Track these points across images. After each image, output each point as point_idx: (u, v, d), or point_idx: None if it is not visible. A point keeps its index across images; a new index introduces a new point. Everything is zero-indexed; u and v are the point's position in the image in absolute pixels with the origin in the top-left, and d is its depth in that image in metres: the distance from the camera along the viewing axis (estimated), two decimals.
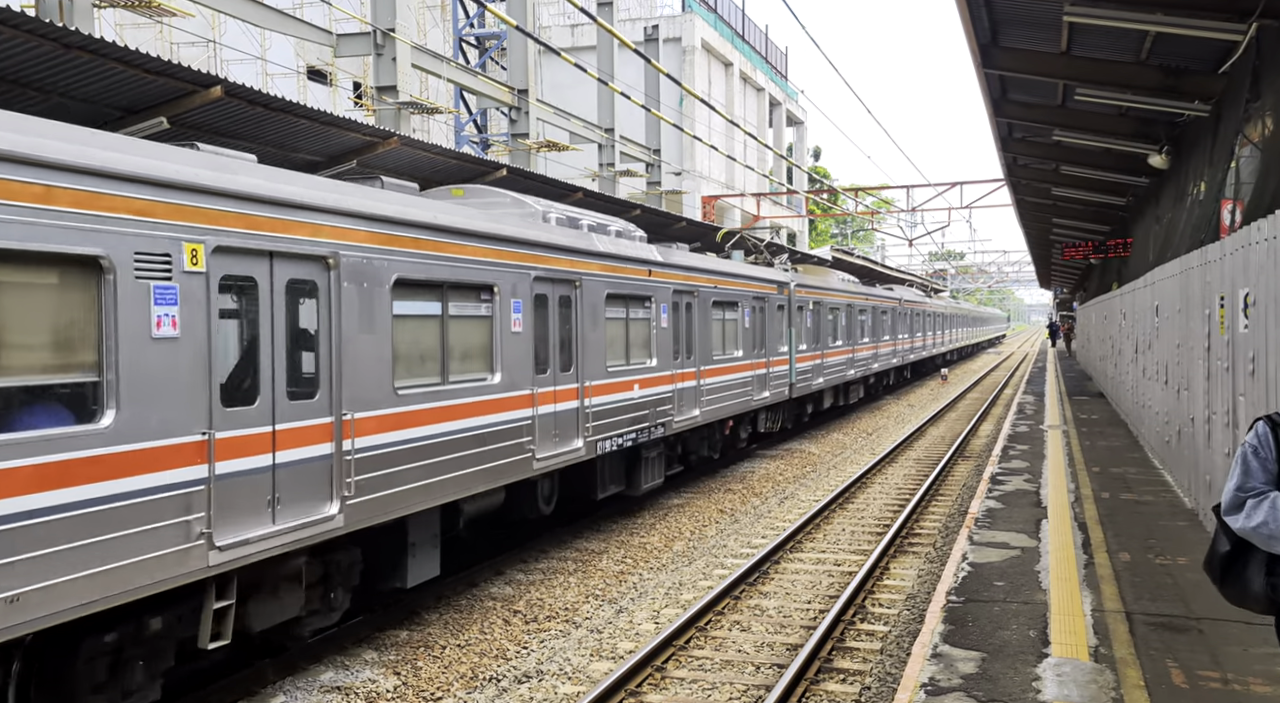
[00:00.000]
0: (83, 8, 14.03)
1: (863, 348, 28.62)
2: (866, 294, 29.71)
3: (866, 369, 29.73)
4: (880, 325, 31.70)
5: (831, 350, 24.90)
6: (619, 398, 12.75)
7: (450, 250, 9.14)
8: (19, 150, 5.36)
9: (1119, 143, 15.81)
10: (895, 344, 34.81)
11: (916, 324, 40.05)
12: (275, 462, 7.03)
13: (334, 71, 30.18)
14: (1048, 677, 5.98)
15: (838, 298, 25.83)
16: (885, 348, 32.74)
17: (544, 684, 8.08)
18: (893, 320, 34.18)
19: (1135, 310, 16.90)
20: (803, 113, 60.22)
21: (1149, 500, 11.50)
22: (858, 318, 28.36)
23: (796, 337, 21.92)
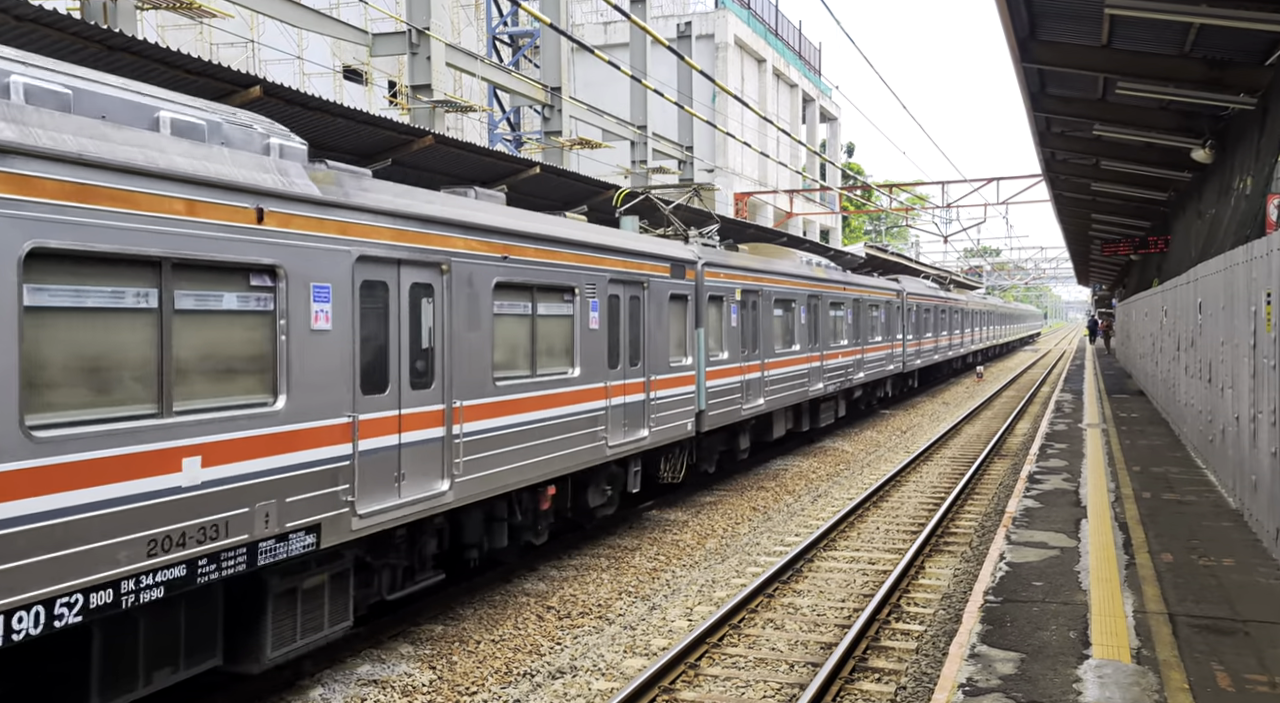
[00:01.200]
0: (126, 10, 14.25)
1: (840, 353, 21.43)
2: (844, 283, 22.04)
3: (844, 380, 22.11)
4: (866, 324, 24.28)
5: (780, 359, 18.02)
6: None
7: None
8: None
9: (1161, 137, 15.54)
10: (891, 346, 27.58)
11: (927, 322, 33.24)
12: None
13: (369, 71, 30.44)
14: (1089, 679, 5.89)
15: (784, 286, 18.39)
16: (877, 351, 25.44)
17: (578, 680, 8.10)
18: (888, 318, 27.10)
19: (1177, 307, 16.61)
20: (836, 109, 59.82)
21: (1192, 501, 11.30)
22: (827, 314, 20.87)
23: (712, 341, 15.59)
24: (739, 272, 16.10)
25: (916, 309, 31.20)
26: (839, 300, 21.57)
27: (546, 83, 27.88)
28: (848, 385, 22.46)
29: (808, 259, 20.92)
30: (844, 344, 22.08)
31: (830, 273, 21.37)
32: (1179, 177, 18.67)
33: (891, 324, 27.50)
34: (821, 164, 56.36)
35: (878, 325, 25.77)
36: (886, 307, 26.95)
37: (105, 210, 5.64)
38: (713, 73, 40.45)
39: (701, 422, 14.52)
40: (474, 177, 13.15)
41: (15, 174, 5.21)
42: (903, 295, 29.25)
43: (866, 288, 24.49)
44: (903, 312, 29.07)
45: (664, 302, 13.32)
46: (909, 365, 30.47)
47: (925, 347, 33.35)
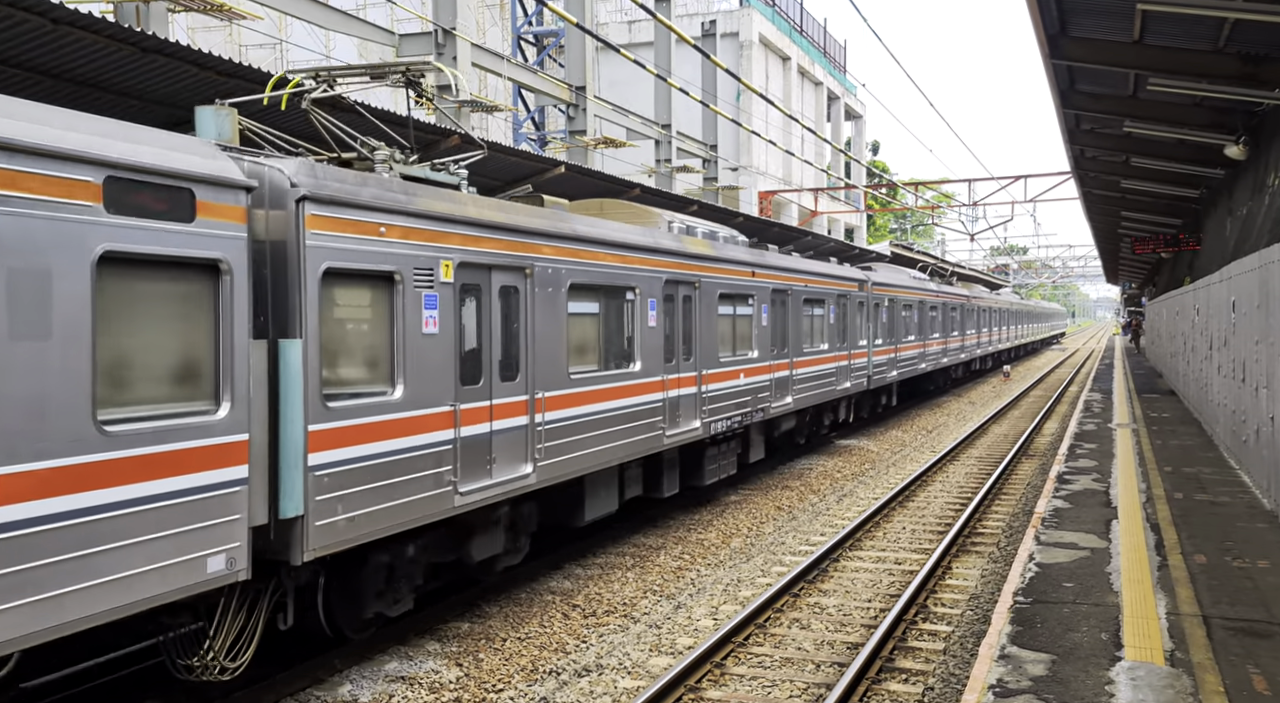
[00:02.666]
0: (158, 12, 14.42)
1: (732, 373, 14.60)
2: (749, 265, 15.41)
3: (743, 415, 14.96)
4: (798, 327, 17.70)
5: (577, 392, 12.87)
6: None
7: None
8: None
9: (1193, 133, 15.34)
10: (846, 356, 20.57)
11: (908, 322, 26.99)
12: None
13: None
14: (1121, 681, 5.83)
15: (580, 261, 12.65)
16: (819, 365, 18.77)
17: (604, 678, 8.11)
18: (843, 317, 20.54)
19: (1210, 306, 16.39)
20: (861, 106, 59.51)
21: (1225, 501, 11.15)
22: (706, 314, 14.32)
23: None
24: None
25: (891, 306, 24.63)
26: (736, 291, 14.70)
27: (571, 82, 27.92)
28: (750, 422, 15.23)
29: (685, 225, 14.04)
30: (748, 357, 15.14)
31: (722, 249, 14.38)
32: (1211, 173, 18.42)
33: (848, 326, 20.66)
34: (846, 162, 56.09)
35: (823, 328, 19.10)
36: (840, 302, 20.14)
37: None
38: (737, 71, 40.35)
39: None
40: (499, 176, 13.19)
41: None
42: (868, 287, 22.33)
43: (797, 274, 17.37)
44: (866, 309, 22.31)
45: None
46: (881, 379, 23.60)
47: (907, 354, 26.62)
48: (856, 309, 21.67)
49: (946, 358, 32.96)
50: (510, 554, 10.12)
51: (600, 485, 11.45)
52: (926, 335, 29.35)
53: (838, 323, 20.15)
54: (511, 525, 10.04)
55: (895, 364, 25.32)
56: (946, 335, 32.81)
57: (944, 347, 32.48)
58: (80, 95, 8.11)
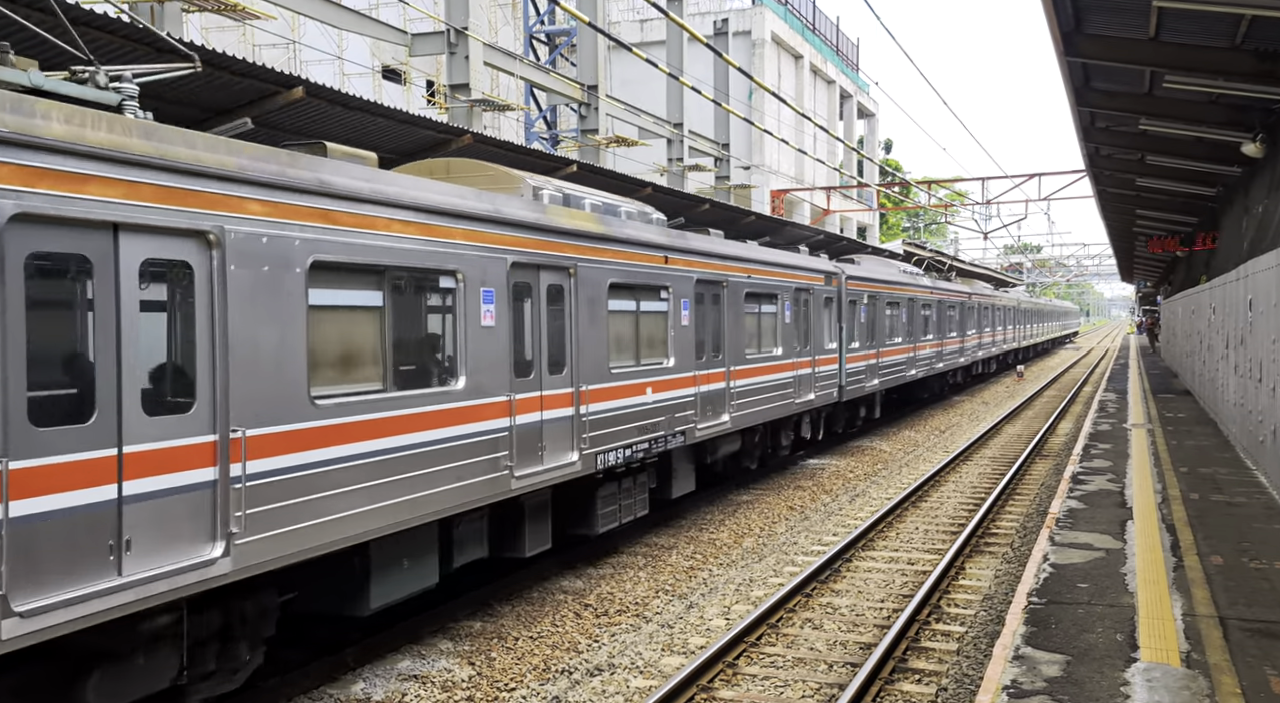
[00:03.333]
0: (172, 12, 14.49)
1: (638, 386, 11.74)
2: (659, 248, 12.20)
3: (636, 441, 11.58)
4: (739, 330, 14.56)
5: None
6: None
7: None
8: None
9: (1209, 131, 15.21)
10: (806, 364, 17.26)
11: (895, 324, 23.97)
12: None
13: (408, 70, 30.69)
14: (1137, 682, 5.79)
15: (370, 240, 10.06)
16: (775, 372, 15.82)
17: (616, 678, 8.11)
18: (806, 317, 17.48)
19: (1226, 305, 16.27)
20: (874, 105, 59.33)
21: (1241, 502, 11.07)
22: (594, 318, 11.34)
23: None
24: None
25: (871, 304, 21.71)
26: (637, 281, 11.51)
27: (583, 81, 27.92)
28: (669, 447, 12.21)
29: (562, 194, 10.75)
30: (660, 367, 11.98)
31: (615, 226, 11.17)
32: (1228, 172, 18.28)
33: (811, 327, 17.56)
34: (859, 161, 55.93)
35: (775, 330, 15.94)
36: (800, 299, 17.01)
37: None
38: (749, 69, 40.28)
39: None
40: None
41: None
42: (840, 281, 19.53)
43: (735, 263, 14.23)
44: (839, 307, 19.44)
45: None
46: (857, 388, 20.42)
47: (892, 359, 23.49)
48: (824, 307, 18.48)
49: (942, 362, 29.45)
50: None
51: (390, 563, 8.05)
52: (918, 337, 26.11)
53: (797, 323, 16.84)
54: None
55: (877, 371, 21.91)
56: (942, 337, 29.49)
57: (939, 349, 28.94)
58: None
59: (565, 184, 11.20)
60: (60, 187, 5.25)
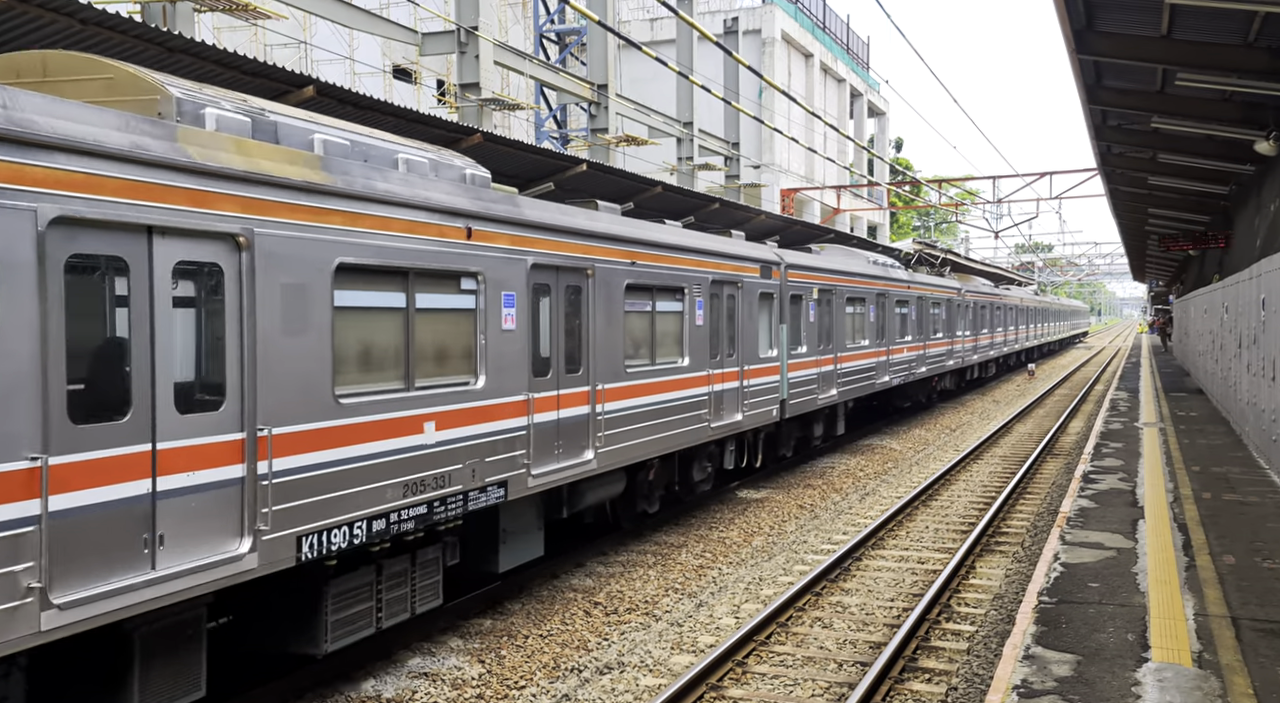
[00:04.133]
0: (184, 12, 14.55)
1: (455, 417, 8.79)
2: (468, 215, 8.62)
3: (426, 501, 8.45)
4: (607, 334, 11.14)
5: None
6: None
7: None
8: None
9: (1222, 129, 15.14)
10: (718, 377, 13.52)
11: (856, 322, 20.27)
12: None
13: (419, 70, 30.75)
14: (1148, 682, 5.77)
15: None
16: (681, 391, 12.54)
17: (625, 676, 8.12)
18: (720, 317, 13.75)
19: (1239, 303, 16.19)
20: (885, 103, 59.20)
21: (1254, 502, 11.01)
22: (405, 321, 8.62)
23: None
24: None
25: (827, 301, 18.16)
26: (419, 264, 7.97)
27: (593, 80, 27.94)
28: (478, 506, 8.76)
29: (245, 116, 6.85)
30: (459, 391, 8.45)
31: (354, 175, 7.31)
32: (1241, 169, 18.18)
33: (739, 329, 14.18)
34: (869, 159, 55.80)
35: (678, 334, 12.53)
36: (719, 293, 13.58)
37: None
38: (759, 68, 40.24)
39: None
40: (521, 174, 13.21)
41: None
42: (783, 273, 15.97)
43: (597, 243, 10.60)
44: (778, 304, 15.85)
45: None
46: (807, 402, 17.03)
47: (857, 365, 19.94)
48: (759, 304, 15.02)
49: (925, 367, 25.94)
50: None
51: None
52: (892, 339, 22.62)
53: (715, 324, 13.39)
54: None
55: (835, 380, 18.50)
56: (926, 338, 26.05)
57: (920, 352, 25.45)
58: None
59: (274, 105, 7.39)
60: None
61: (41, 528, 5.06)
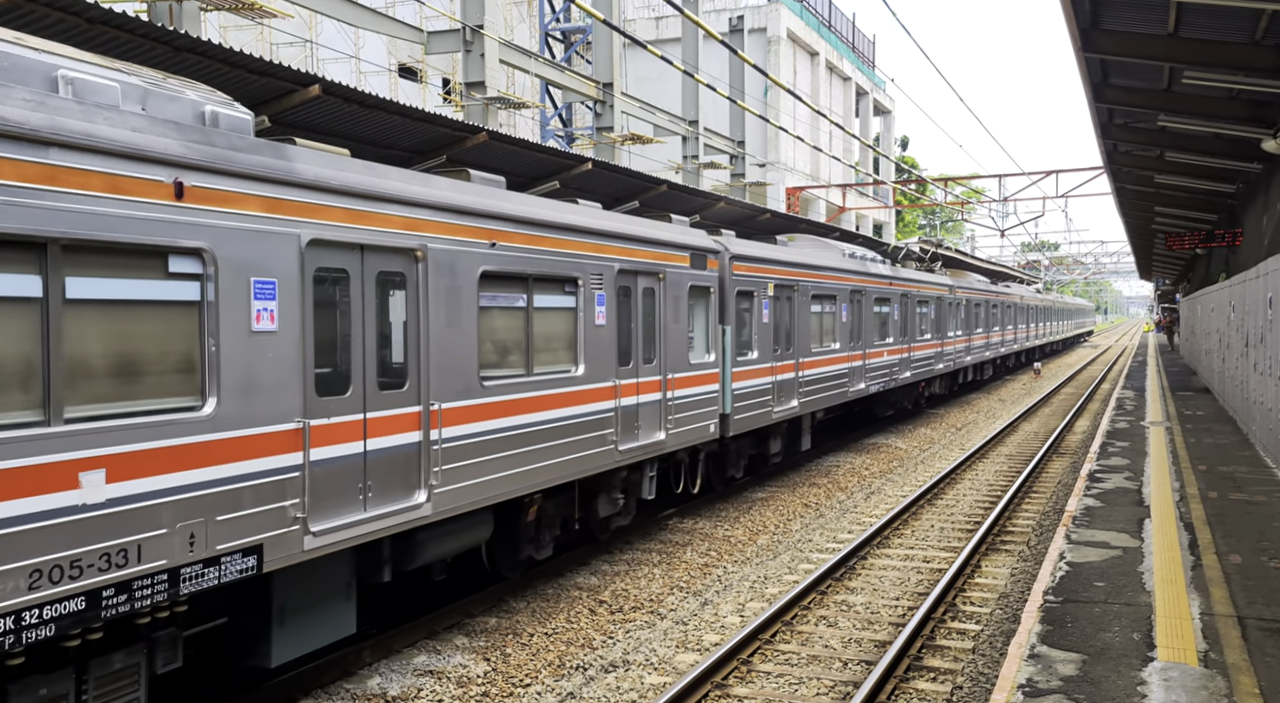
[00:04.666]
0: (190, 11, 14.58)
1: None
2: None
3: None
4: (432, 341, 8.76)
5: None
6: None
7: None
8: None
9: (1229, 127, 15.09)
10: (631, 390, 11.14)
11: (838, 323, 18.39)
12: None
13: (424, 68, 30.79)
14: (1154, 681, 5.76)
15: None
16: (591, 402, 10.43)
17: (630, 674, 8.13)
18: (641, 317, 11.58)
19: (1246, 302, 16.14)
20: (890, 102, 59.11)
21: (1261, 501, 10.98)
22: None
23: None
24: None
25: (787, 297, 15.91)
26: (125, 241, 5.66)
27: (598, 79, 27.93)
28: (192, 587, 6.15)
29: None
30: (184, 423, 6.02)
31: None
32: (1248, 168, 18.13)
33: (662, 333, 11.89)
34: (875, 158, 55.73)
35: (576, 337, 10.33)
36: (633, 288, 11.34)
37: None
38: (765, 67, 40.20)
39: None
40: (526, 173, 13.22)
41: None
42: (724, 263, 13.73)
43: (471, 221, 8.66)
44: (718, 301, 13.49)
45: None
46: (759, 415, 14.65)
47: (823, 371, 17.54)
48: (691, 300, 12.80)
49: (910, 371, 23.62)
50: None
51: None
52: (869, 341, 20.24)
53: (624, 324, 11.12)
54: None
55: (797, 390, 16.14)
56: (911, 340, 23.72)
57: (904, 355, 23.10)
58: None
59: None
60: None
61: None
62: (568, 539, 11.32)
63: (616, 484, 11.44)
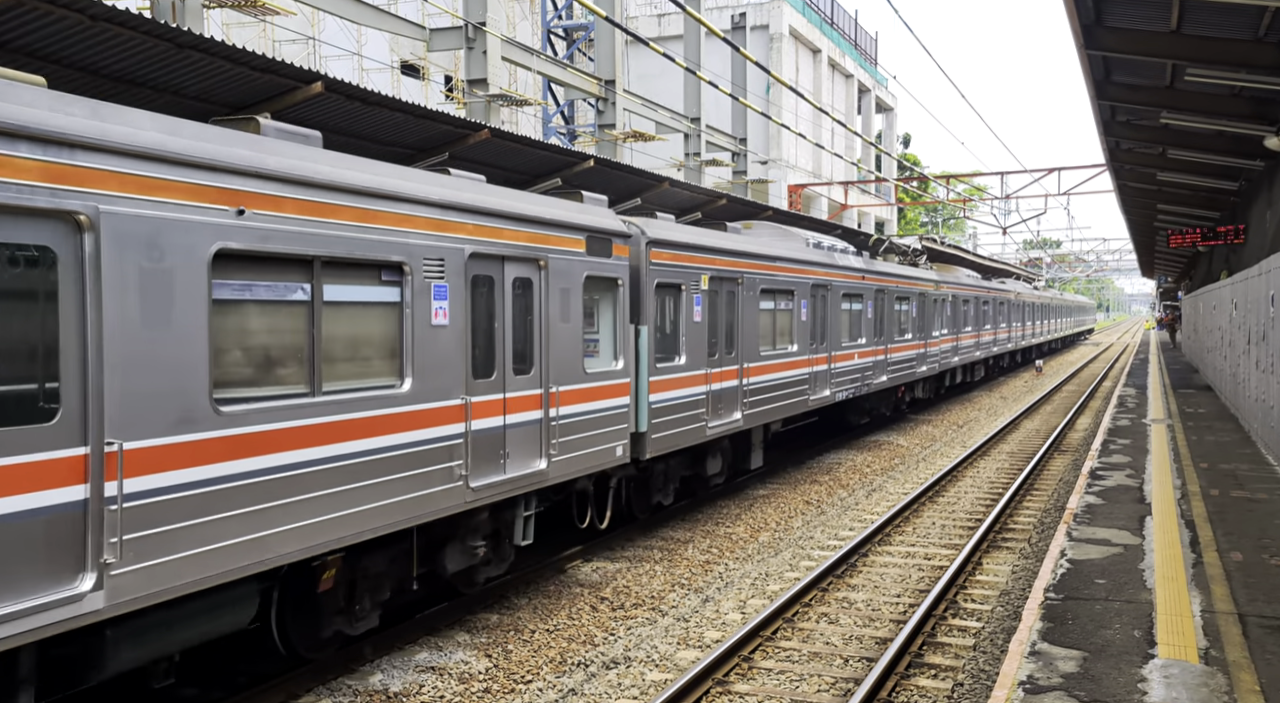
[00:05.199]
0: (193, 8, 14.58)
1: None
2: None
3: None
4: None
5: None
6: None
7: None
8: None
9: (1232, 124, 15.08)
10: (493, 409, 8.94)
11: (797, 322, 16.11)
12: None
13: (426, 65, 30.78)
14: (1154, 678, 5.77)
15: None
16: (422, 426, 8.05)
17: (631, 671, 8.14)
18: (527, 318, 9.55)
19: (1248, 300, 16.13)
20: (892, 99, 59.05)
21: (1263, 498, 10.98)
22: None
23: None
24: None
25: (726, 292, 13.52)
26: None
27: (600, 76, 27.92)
28: None
29: None
30: None
31: None
32: (1251, 165, 18.11)
33: (548, 333, 9.71)
34: (877, 155, 55.69)
35: (403, 346, 7.90)
36: (507, 282, 9.19)
37: None
38: (767, 64, 40.17)
39: None
40: (529, 170, 13.22)
41: None
42: (640, 250, 11.59)
43: (232, 179, 6.34)
44: (628, 297, 11.30)
45: None
46: (685, 433, 12.36)
47: (771, 378, 14.97)
48: (594, 296, 10.75)
49: (886, 375, 21.09)
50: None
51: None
52: (837, 343, 17.91)
53: (474, 324, 8.72)
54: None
55: (740, 400, 13.77)
56: (889, 340, 21.28)
57: (881, 357, 20.60)
58: (117, 91, 8.23)
59: None
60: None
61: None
62: (410, 600, 9.41)
63: (470, 531, 9.01)
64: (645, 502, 12.88)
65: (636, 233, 11.63)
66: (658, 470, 12.78)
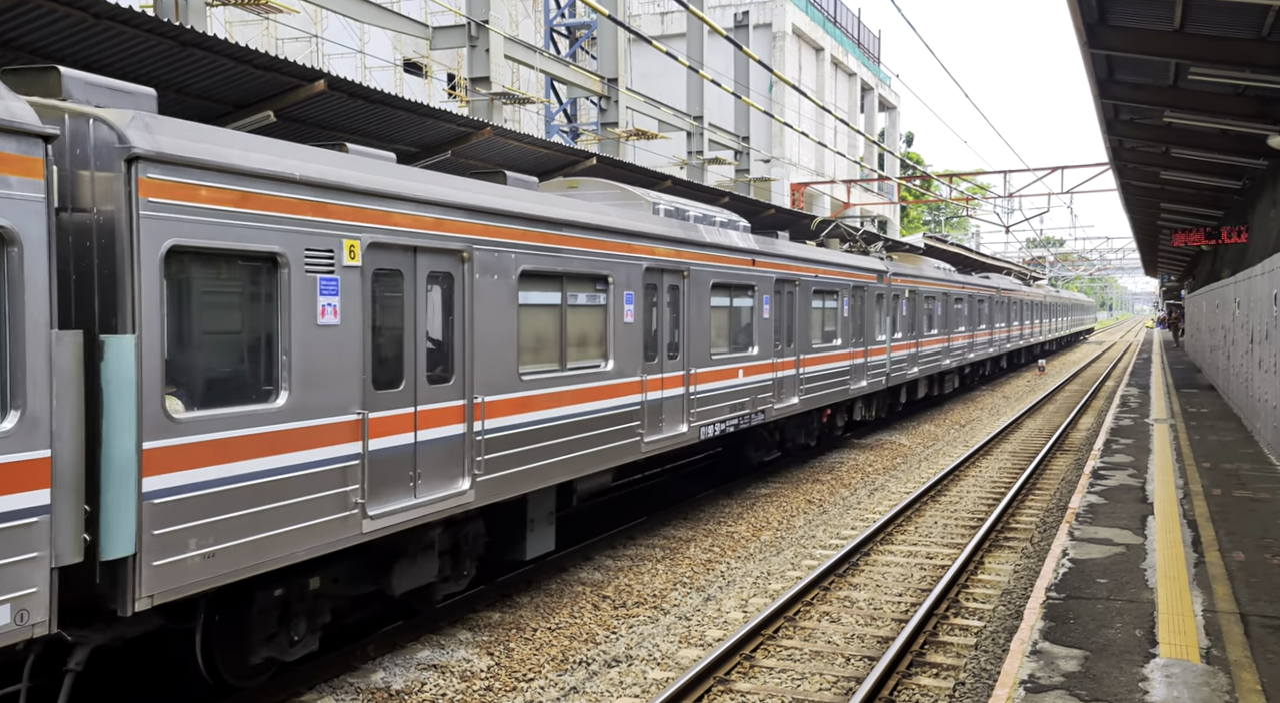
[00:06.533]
0: (196, 6, 14.60)
1: None
2: None
3: None
4: None
5: None
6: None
7: None
8: None
9: (1235, 124, 15.04)
10: None
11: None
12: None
13: (429, 64, 30.79)
14: (1155, 678, 5.77)
15: None
16: None
17: (633, 669, 8.15)
18: None
19: (1251, 299, 16.11)
20: (895, 97, 58.99)
21: (1265, 498, 10.97)
22: None
23: None
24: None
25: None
26: None
27: (603, 74, 27.92)
28: None
29: None
30: None
31: None
32: (1255, 164, 18.08)
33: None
34: (880, 154, 55.65)
35: None
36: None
37: None
38: (770, 62, 40.14)
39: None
40: (530, 168, 13.22)
41: None
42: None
43: None
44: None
45: None
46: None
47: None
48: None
49: (796, 396, 15.80)
50: None
51: None
52: (700, 356, 12.60)
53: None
54: None
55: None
56: (799, 349, 15.89)
57: (780, 373, 15.16)
58: None
59: None
60: None
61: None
62: None
63: None
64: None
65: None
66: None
